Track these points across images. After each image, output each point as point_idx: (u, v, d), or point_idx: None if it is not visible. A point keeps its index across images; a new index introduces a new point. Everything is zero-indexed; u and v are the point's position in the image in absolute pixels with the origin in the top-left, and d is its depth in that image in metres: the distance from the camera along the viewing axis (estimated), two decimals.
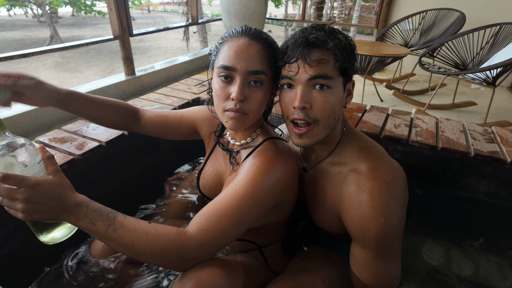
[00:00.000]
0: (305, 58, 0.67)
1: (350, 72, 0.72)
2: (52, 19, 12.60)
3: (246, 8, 3.67)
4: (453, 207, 1.24)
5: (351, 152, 0.77)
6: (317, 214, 0.86)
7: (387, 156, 0.77)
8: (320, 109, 0.69)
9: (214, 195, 0.90)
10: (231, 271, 0.64)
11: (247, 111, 0.71)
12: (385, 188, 0.69)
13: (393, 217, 0.69)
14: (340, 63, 0.68)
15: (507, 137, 1.25)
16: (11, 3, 11.79)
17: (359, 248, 0.75)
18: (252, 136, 0.81)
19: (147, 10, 23.28)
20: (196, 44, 10.85)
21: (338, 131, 0.78)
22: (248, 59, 0.68)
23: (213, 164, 0.91)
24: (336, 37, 0.69)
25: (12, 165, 0.55)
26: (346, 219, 0.75)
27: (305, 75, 0.68)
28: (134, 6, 14.54)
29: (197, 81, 1.82)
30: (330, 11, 15.34)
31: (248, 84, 0.70)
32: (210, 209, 0.64)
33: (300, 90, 0.69)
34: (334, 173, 0.79)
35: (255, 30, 0.73)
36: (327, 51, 0.67)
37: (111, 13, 2.71)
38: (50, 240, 0.62)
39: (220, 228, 0.62)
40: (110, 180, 1.20)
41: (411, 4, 3.64)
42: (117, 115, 0.90)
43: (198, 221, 0.63)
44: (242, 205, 0.64)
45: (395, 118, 1.39)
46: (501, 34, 2.71)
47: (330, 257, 0.89)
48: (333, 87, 0.69)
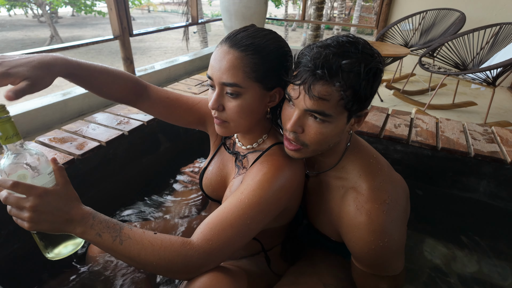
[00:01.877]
0: (307, 88, 0.61)
1: (362, 106, 0.64)
2: (52, 19, 12.60)
3: (246, 8, 3.67)
4: (453, 207, 1.24)
5: (353, 169, 0.75)
6: (318, 220, 0.86)
7: (389, 173, 0.75)
8: (311, 137, 0.66)
9: (216, 196, 0.90)
10: (235, 279, 0.64)
11: (226, 119, 0.71)
12: (384, 211, 0.68)
13: (391, 240, 0.69)
14: (346, 101, 0.61)
15: (507, 137, 1.25)
16: (11, 3, 11.80)
17: (358, 263, 0.76)
18: (258, 142, 0.79)
19: (147, 10, 23.28)
20: (196, 44, 10.85)
21: (341, 146, 0.75)
22: (221, 69, 0.66)
23: (218, 165, 0.90)
24: (354, 70, 0.59)
25: (24, 177, 0.56)
26: (344, 238, 0.75)
27: (303, 105, 0.63)
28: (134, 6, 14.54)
29: (197, 81, 1.82)
30: (330, 11, 15.34)
31: (226, 93, 0.68)
32: (215, 218, 0.63)
33: (296, 115, 0.65)
34: (335, 187, 0.77)
35: (244, 34, 0.67)
36: (333, 87, 0.60)
37: (111, 13, 2.71)
38: (55, 256, 0.63)
39: (225, 237, 0.61)
40: (110, 180, 1.20)
41: (411, 4, 3.64)
42: (121, 86, 0.80)
43: (202, 230, 0.62)
44: (247, 215, 0.63)
45: (395, 118, 1.39)
46: (501, 34, 2.71)
47: (332, 261, 0.88)
48: (331, 122, 0.64)
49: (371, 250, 0.68)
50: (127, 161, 1.26)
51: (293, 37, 14.62)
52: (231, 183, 0.81)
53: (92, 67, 0.74)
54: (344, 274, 0.84)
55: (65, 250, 0.63)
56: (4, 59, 0.58)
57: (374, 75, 0.61)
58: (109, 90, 0.78)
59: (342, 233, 0.76)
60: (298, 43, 13.15)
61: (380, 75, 0.64)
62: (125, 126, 1.24)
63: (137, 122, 1.27)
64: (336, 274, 0.84)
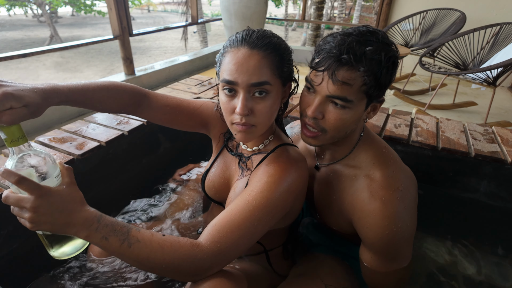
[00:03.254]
0: (331, 73, 0.64)
1: (381, 93, 0.68)
2: (52, 19, 12.60)
3: (246, 8, 3.67)
4: (453, 207, 1.24)
5: (366, 157, 0.77)
6: (327, 213, 0.86)
7: (400, 163, 0.77)
8: (331, 123, 0.69)
9: (219, 198, 0.89)
10: (237, 282, 0.64)
11: (254, 123, 0.68)
12: (398, 197, 0.70)
13: (404, 225, 0.70)
14: (367, 87, 0.64)
15: (507, 137, 1.25)
16: (11, 3, 11.79)
17: (368, 253, 0.76)
18: (264, 143, 0.79)
19: (147, 10, 23.28)
20: (196, 44, 10.85)
21: (355, 135, 0.78)
22: (249, 71, 0.64)
23: (221, 167, 0.89)
24: (375, 58, 0.62)
25: (30, 176, 0.54)
26: (357, 225, 0.76)
27: (325, 91, 0.66)
28: (134, 6, 14.54)
29: (197, 81, 1.82)
30: (331, 11, 15.34)
31: (253, 96, 0.67)
32: (222, 220, 0.63)
33: (317, 101, 0.68)
34: (348, 176, 0.78)
35: (257, 35, 0.67)
36: (357, 72, 0.63)
37: (111, 13, 2.71)
38: (60, 255, 0.61)
39: (233, 239, 0.61)
40: (110, 181, 1.20)
41: (411, 4, 3.64)
42: (119, 99, 0.80)
43: (210, 232, 0.62)
44: (255, 216, 0.64)
45: (395, 118, 1.39)
46: (501, 34, 2.71)
47: (334, 263, 0.88)
48: (351, 108, 0.67)
49: (384, 235, 0.69)
50: (127, 161, 1.26)
51: (293, 37, 14.62)
52: (235, 184, 0.81)
53: (85, 88, 0.71)
54: (345, 276, 0.84)
55: (71, 249, 0.61)
56: (7, 82, 0.57)
57: (393, 63, 0.65)
58: (106, 105, 0.78)
59: (354, 220, 0.76)
60: (298, 43, 13.14)
61: (397, 65, 0.67)
62: (125, 126, 1.24)
63: (137, 122, 1.27)
64: (338, 275, 0.84)
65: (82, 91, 0.70)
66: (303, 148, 0.94)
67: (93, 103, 0.74)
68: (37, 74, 7.24)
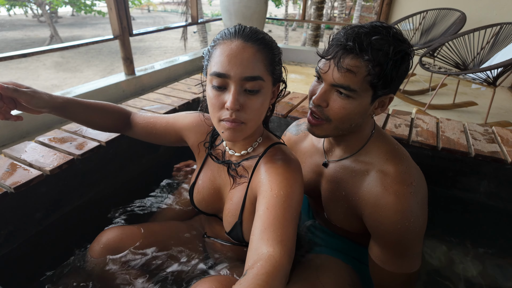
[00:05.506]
0: (337, 61, 0.65)
1: (388, 88, 0.67)
2: (52, 19, 12.60)
3: (246, 7, 3.67)
4: (453, 207, 1.24)
5: (379, 153, 0.77)
6: (335, 210, 0.86)
7: (411, 160, 0.78)
8: (334, 112, 0.70)
9: (212, 210, 0.86)
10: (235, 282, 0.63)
11: (244, 120, 0.65)
12: (411, 192, 0.70)
13: (416, 221, 0.70)
14: (372, 78, 0.65)
15: (507, 137, 1.25)
16: (11, 3, 11.79)
17: (378, 248, 0.76)
18: (253, 146, 0.76)
19: (147, 10, 23.28)
20: (196, 44, 10.85)
21: (366, 131, 0.78)
22: (243, 64, 0.61)
23: (208, 177, 0.85)
24: (383, 48, 0.63)
25: None
26: (368, 219, 0.75)
27: (330, 79, 0.67)
28: (134, 6, 14.54)
29: (197, 81, 1.82)
30: (331, 11, 15.34)
31: (244, 91, 0.63)
32: (268, 221, 0.59)
33: (322, 89, 0.70)
34: (359, 171, 0.78)
35: (250, 29, 0.66)
36: (362, 61, 0.64)
37: (111, 13, 2.71)
38: None
39: (288, 231, 0.59)
40: (110, 180, 1.20)
41: (411, 4, 3.64)
42: (109, 119, 0.90)
43: (268, 237, 0.57)
44: (289, 204, 0.62)
45: (395, 118, 1.39)
46: (501, 34, 2.71)
47: (335, 266, 0.87)
48: (356, 98, 0.67)
49: (396, 229, 0.69)
50: (127, 161, 1.26)
51: (293, 37, 14.62)
52: (230, 194, 0.78)
53: (87, 104, 0.84)
54: (347, 278, 0.83)
55: None
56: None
57: (402, 58, 0.65)
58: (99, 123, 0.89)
59: (365, 215, 0.76)
60: (298, 43, 13.14)
61: (408, 61, 0.67)
62: None
63: None
64: (339, 278, 0.83)
65: (84, 105, 0.84)
66: (311, 145, 0.94)
67: (91, 119, 0.87)
68: (37, 74, 7.24)
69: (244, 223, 0.75)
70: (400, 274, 0.75)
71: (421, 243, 0.76)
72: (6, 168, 0.95)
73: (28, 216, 0.95)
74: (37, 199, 0.95)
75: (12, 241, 0.92)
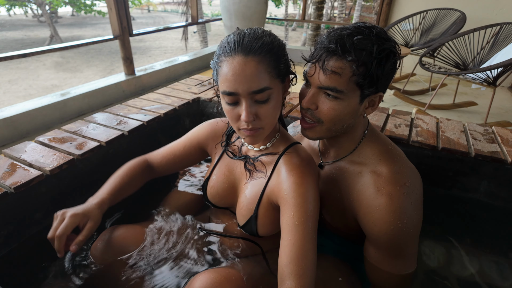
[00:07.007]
0: (322, 63, 0.66)
1: (375, 86, 0.68)
2: (52, 19, 12.60)
3: (246, 8, 3.67)
4: (453, 207, 1.24)
5: (372, 154, 0.77)
6: (331, 211, 0.86)
7: (406, 160, 0.78)
8: (324, 114, 0.71)
9: (225, 204, 0.90)
10: (234, 282, 0.64)
11: (261, 126, 0.70)
12: (404, 193, 0.70)
13: (409, 221, 0.70)
14: (357, 77, 0.65)
15: (507, 137, 1.25)
16: (11, 3, 11.79)
17: (373, 249, 0.76)
18: (271, 141, 0.80)
19: (147, 10, 23.28)
20: (196, 44, 10.85)
21: (359, 132, 0.78)
22: (247, 79, 0.64)
23: (223, 172, 0.89)
24: (366, 48, 0.64)
25: None
26: (362, 221, 0.76)
27: (317, 81, 0.69)
28: (134, 6, 14.55)
29: (197, 81, 1.82)
30: (331, 11, 15.34)
31: (255, 101, 0.67)
32: (291, 255, 0.65)
33: (310, 92, 0.71)
34: (353, 172, 0.78)
35: (249, 38, 0.65)
36: (346, 62, 0.65)
37: (111, 13, 2.71)
38: None
39: (308, 260, 0.64)
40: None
41: (411, 4, 3.64)
42: (139, 182, 0.97)
43: (291, 271, 0.64)
44: (307, 231, 0.67)
45: (395, 118, 1.39)
46: (501, 34, 2.71)
47: (335, 266, 0.88)
48: (344, 99, 0.68)
49: (389, 230, 0.69)
50: (127, 161, 1.26)
51: (293, 37, 14.61)
52: (245, 187, 0.81)
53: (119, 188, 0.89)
54: (346, 277, 0.84)
55: None
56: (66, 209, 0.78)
57: (386, 56, 0.65)
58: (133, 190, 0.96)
59: (359, 216, 0.76)
60: (298, 43, 13.14)
61: (394, 59, 0.67)
62: (124, 126, 1.24)
63: (137, 122, 1.27)
64: (339, 279, 0.83)
65: (119, 192, 0.89)
66: (307, 146, 0.95)
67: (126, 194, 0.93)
68: (37, 74, 7.23)
69: (259, 218, 0.78)
70: (396, 275, 0.75)
71: (416, 243, 0.75)
72: (6, 168, 0.95)
73: (28, 216, 0.95)
74: (37, 199, 0.95)
75: (12, 241, 0.92)
